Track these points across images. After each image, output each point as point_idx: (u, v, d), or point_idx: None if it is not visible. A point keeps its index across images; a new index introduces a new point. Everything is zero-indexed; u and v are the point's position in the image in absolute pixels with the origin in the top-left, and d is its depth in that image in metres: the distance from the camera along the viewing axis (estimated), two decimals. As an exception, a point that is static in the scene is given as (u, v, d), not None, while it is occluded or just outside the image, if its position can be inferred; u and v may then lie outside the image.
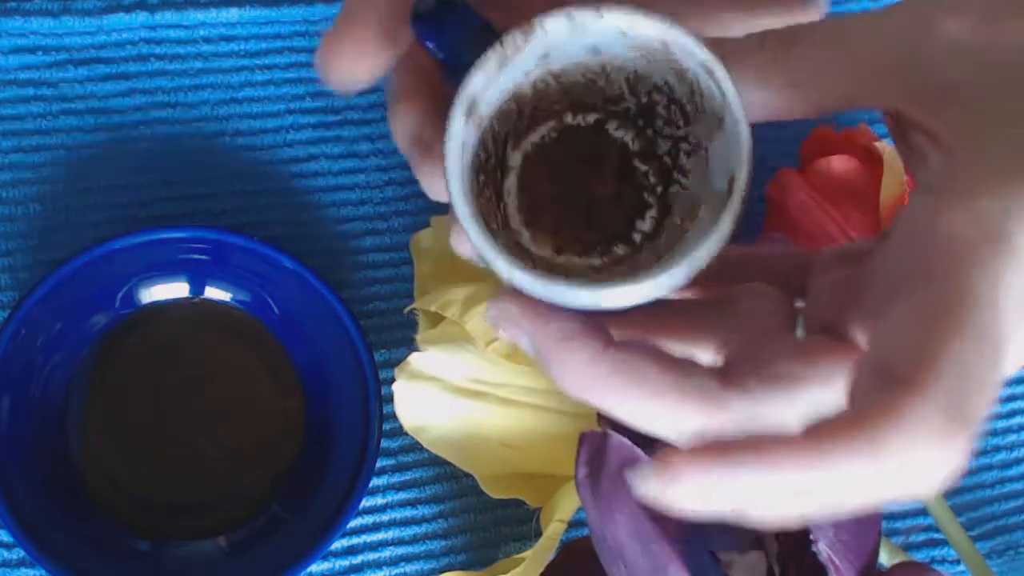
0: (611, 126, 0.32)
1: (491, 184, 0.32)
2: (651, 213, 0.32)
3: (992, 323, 0.24)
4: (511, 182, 0.32)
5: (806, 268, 0.31)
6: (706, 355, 0.30)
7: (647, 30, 0.28)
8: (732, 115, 0.28)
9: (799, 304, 0.30)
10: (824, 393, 0.26)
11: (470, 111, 0.29)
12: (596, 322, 0.28)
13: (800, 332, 0.30)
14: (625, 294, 0.27)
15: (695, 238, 0.29)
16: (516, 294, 0.28)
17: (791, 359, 0.27)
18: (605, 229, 0.32)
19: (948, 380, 0.23)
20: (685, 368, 0.27)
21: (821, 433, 0.23)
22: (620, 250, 0.32)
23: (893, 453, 0.23)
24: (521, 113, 0.31)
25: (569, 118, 0.32)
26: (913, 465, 0.23)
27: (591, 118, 0.32)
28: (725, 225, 0.28)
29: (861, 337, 0.27)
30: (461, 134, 0.28)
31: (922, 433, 0.23)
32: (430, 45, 0.32)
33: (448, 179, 0.28)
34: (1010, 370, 0.25)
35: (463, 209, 0.28)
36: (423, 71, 0.33)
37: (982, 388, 0.23)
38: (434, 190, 0.32)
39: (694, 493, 0.23)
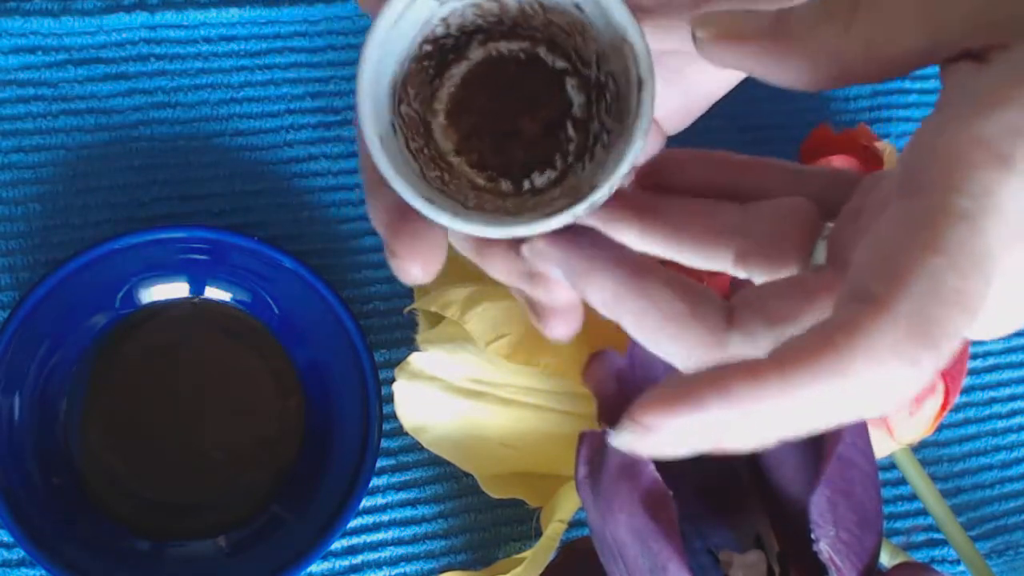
0: (545, 54, 0.33)
1: (420, 99, 0.32)
2: (571, 144, 0.32)
3: (972, 238, 0.23)
4: (441, 103, 0.33)
5: (847, 186, 0.30)
6: (725, 262, 0.30)
7: None
8: (631, 36, 0.29)
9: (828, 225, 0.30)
10: None
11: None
12: (621, 249, 0.30)
13: (821, 252, 0.29)
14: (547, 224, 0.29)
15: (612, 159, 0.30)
16: (546, 236, 0.30)
17: (792, 298, 0.27)
18: (530, 156, 0.33)
19: (917, 296, 0.22)
20: (697, 297, 0.28)
21: (786, 360, 0.23)
22: (541, 178, 0.33)
23: (857, 374, 0.22)
24: (454, 36, 0.32)
25: (503, 45, 0.33)
26: (877, 384, 0.22)
27: (523, 46, 0.33)
28: (641, 129, 0.29)
29: None
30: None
31: (886, 352, 0.22)
32: None
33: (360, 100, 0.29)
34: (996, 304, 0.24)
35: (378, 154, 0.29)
36: None
37: (956, 303, 0.23)
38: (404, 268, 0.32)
39: (667, 441, 0.23)
